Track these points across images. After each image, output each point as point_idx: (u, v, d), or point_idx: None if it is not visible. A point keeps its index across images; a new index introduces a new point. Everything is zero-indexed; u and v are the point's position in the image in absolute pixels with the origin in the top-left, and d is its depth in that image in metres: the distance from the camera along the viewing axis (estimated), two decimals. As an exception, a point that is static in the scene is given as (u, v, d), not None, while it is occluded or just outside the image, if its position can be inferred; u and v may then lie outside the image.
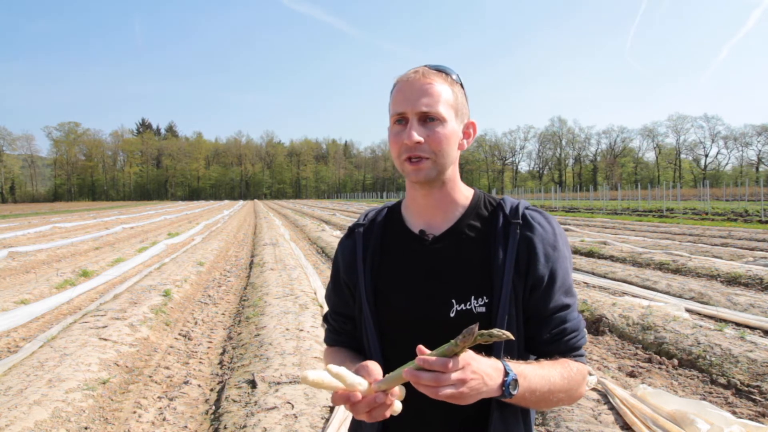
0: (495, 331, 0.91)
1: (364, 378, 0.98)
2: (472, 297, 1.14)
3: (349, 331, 1.32)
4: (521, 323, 1.15)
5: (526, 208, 1.21)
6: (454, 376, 0.90)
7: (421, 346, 0.96)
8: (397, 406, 1.00)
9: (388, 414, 0.99)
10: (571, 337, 1.17)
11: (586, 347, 5.38)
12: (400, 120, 1.16)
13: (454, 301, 1.14)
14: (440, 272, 1.18)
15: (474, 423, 1.14)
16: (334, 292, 1.35)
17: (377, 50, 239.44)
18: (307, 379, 0.92)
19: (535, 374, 1.05)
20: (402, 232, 1.26)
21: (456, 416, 1.14)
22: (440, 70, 1.19)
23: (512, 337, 0.91)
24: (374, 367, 1.01)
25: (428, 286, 1.18)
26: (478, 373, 0.94)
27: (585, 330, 1.21)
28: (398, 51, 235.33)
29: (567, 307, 1.17)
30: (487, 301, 1.14)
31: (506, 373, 0.99)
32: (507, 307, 1.12)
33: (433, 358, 0.91)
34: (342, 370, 0.94)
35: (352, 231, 1.33)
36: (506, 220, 1.19)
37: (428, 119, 1.14)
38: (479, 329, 0.92)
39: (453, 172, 1.22)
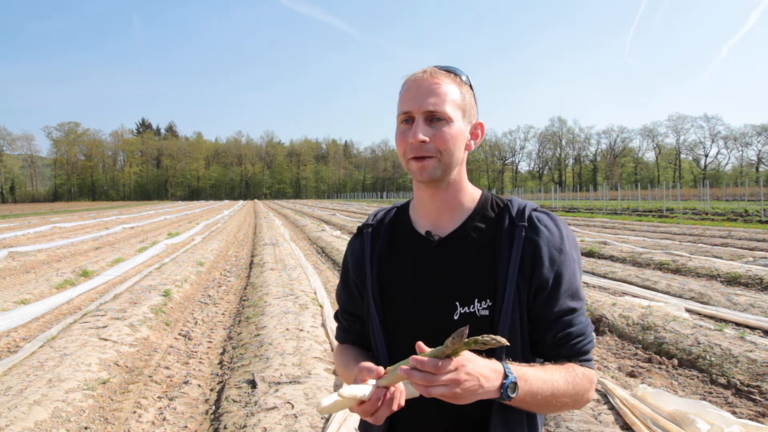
0: (486, 337, 0.92)
1: (366, 378, 1.02)
2: (476, 300, 1.14)
3: (357, 330, 1.34)
4: (525, 327, 1.14)
5: (534, 210, 1.20)
6: (446, 377, 0.92)
7: (420, 344, 0.98)
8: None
9: (395, 407, 1.01)
10: (577, 342, 1.15)
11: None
12: (407, 119, 1.16)
13: (458, 303, 1.15)
14: (445, 274, 1.18)
15: (477, 424, 1.14)
16: (343, 291, 1.38)
17: (377, 50, 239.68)
18: (321, 406, 0.97)
19: (537, 377, 1.04)
20: (409, 233, 1.27)
21: (459, 417, 1.14)
22: (449, 70, 1.19)
23: (507, 343, 0.92)
24: (372, 367, 1.04)
25: (433, 288, 1.18)
26: (473, 374, 0.95)
27: (593, 335, 1.19)
28: (398, 51, 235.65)
29: (573, 311, 1.15)
30: (490, 304, 1.14)
31: (506, 376, 0.99)
32: (510, 311, 1.11)
33: (425, 359, 0.93)
34: (351, 390, 0.98)
35: (360, 231, 1.35)
36: (512, 223, 1.18)
37: (435, 119, 1.13)
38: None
39: (459, 173, 1.21)
